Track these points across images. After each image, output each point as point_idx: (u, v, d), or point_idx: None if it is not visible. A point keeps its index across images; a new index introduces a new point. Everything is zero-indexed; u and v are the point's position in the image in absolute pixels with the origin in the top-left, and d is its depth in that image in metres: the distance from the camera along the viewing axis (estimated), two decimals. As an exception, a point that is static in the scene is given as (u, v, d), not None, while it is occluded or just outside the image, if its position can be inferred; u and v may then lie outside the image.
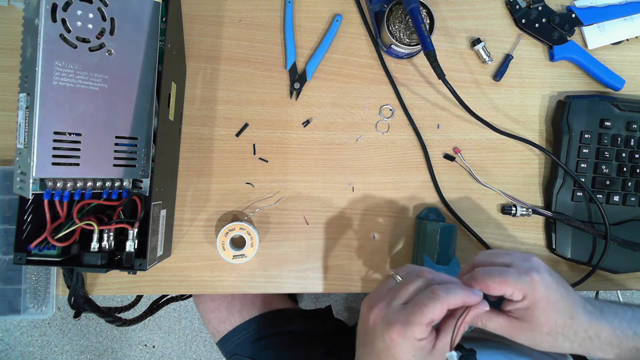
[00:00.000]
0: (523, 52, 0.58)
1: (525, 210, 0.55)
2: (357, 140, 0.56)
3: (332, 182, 0.56)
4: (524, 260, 0.40)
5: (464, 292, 0.36)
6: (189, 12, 0.56)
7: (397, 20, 0.53)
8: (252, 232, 0.52)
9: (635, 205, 0.56)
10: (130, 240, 0.43)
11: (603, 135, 0.56)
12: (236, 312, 0.69)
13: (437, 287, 0.36)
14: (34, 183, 0.38)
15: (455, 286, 0.37)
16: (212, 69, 0.56)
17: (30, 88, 0.37)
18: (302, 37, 0.57)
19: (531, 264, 0.40)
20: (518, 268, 0.39)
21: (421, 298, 0.36)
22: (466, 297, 0.36)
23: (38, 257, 0.43)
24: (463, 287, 0.37)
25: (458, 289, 0.37)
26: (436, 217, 0.55)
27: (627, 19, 0.58)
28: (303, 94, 0.56)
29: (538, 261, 0.41)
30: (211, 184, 0.55)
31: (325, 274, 0.55)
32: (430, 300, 0.35)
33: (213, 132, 0.55)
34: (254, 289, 0.55)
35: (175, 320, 1.34)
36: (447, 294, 0.35)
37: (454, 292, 0.36)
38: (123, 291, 0.54)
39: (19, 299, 0.51)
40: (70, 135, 0.39)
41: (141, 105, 0.42)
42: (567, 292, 0.41)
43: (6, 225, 0.51)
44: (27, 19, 0.39)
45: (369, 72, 0.57)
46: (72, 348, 1.32)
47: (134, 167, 0.43)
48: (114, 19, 0.40)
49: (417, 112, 0.57)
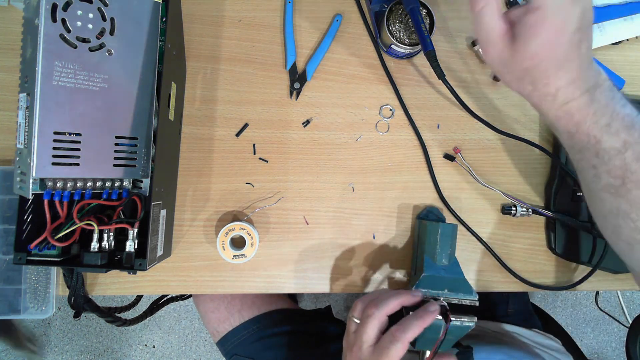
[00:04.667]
0: (523, 52, 0.58)
1: (525, 210, 0.55)
2: (357, 140, 0.56)
3: (332, 182, 0.56)
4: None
5: (418, 321, 0.41)
6: (189, 12, 0.56)
7: (397, 20, 0.53)
8: (252, 232, 0.52)
9: (635, 205, 0.56)
10: (130, 240, 0.43)
11: (603, 135, 0.55)
12: (236, 312, 0.69)
13: (395, 329, 0.41)
14: (34, 183, 0.38)
15: (410, 320, 0.41)
16: (212, 69, 0.56)
17: (30, 88, 0.37)
18: (302, 37, 0.57)
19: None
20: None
21: (385, 342, 0.41)
22: (420, 326, 0.41)
23: (38, 257, 0.43)
24: (416, 316, 0.42)
25: (413, 320, 0.41)
26: (436, 217, 0.55)
27: (627, 19, 0.58)
28: (303, 94, 0.56)
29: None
30: (211, 184, 0.55)
31: (325, 274, 0.55)
32: (392, 343, 0.40)
33: (213, 132, 0.55)
34: (254, 289, 0.55)
35: (175, 320, 1.34)
36: (405, 333, 0.40)
37: (410, 327, 0.41)
38: (123, 291, 0.54)
39: (19, 299, 0.51)
40: (70, 135, 0.39)
41: (141, 105, 0.42)
42: (589, 42, 0.35)
43: (6, 225, 0.51)
44: (27, 19, 0.39)
45: (369, 72, 0.57)
46: (72, 348, 1.32)
47: (134, 167, 0.43)
48: (114, 19, 0.40)
49: (417, 112, 0.57)
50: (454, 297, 0.47)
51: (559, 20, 0.33)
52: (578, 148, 0.38)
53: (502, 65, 0.37)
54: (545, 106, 0.38)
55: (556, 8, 0.32)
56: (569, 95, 0.36)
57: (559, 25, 0.33)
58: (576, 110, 0.36)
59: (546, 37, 0.33)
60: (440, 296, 0.47)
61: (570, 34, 0.33)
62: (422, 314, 0.42)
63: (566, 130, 0.38)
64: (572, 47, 0.34)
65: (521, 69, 0.36)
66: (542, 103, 0.38)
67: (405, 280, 0.56)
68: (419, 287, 0.47)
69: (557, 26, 0.33)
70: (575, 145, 0.38)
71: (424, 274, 0.48)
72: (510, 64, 0.36)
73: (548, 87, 0.36)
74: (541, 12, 0.33)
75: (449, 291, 0.47)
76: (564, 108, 0.36)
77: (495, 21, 0.35)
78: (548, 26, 0.33)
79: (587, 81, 0.35)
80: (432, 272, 0.48)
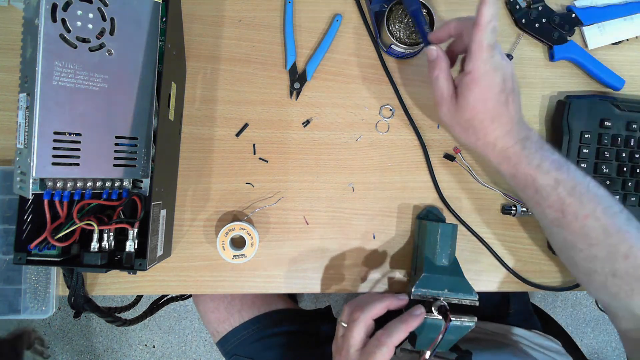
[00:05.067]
0: (523, 52, 0.58)
1: (525, 210, 0.55)
2: (357, 140, 0.56)
3: (332, 182, 0.56)
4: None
5: (403, 325, 0.42)
6: (189, 12, 0.56)
7: (397, 20, 0.53)
8: (252, 232, 0.52)
9: (635, 205, 0.56)
10: (130, 240, 0.43)
11: (603, 135, 0.56)
12: (236, 313, 0.69)
13: (381, 334, 0.42)
14: (34, 183, 0.38)
15: (395, 324, 0.42)
16: (212, 69, 0.56)
17: (30, 88, 0.37)
18: (302, 37, 0.57)
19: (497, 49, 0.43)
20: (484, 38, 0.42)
21: (370, 347, 0.42)
22: (406, 330, 0.42)
23: (38, 257, 0.43)
24: (401, 320, 0.43)
25: (398, 324, 0.42)
26: (436, 217, 0.55)
27: (627, 19, 0.58)
28: (303, 94, 0.56)
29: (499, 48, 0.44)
30: (211, 184, 0.55)
31: (325, 274, 0.55)
32: (377, 347, 0.41)
33: (213, 132, 0.55)
34: (254, 289, 0.55)
35: (175, 320, 1.34)
36: (390, 337, 0.42)
37: (395, 332, 0.42)
38: (123, 291, 0.54)
39: (19, 299, 0.51)
40: (70, 135, 0.39)
41: (141, 105, 0.42)
42: (516, 104, 0.45)
43: (6, 225, 0.51)
44: (27, 19, 0.39)
45: (369, 72, 0.57)
46: (72, 348, 1.32)
47: (134, 167, 0.43)
48: (114, 19, 0.40)
49: (417, 112, 0.57)
50: (454, 297, 0.47)
51: (485, 82, 0.43)
52: (521, 187, 0.46)
53: (451, 118, 0.46)
54: (488, 153, 0.46)
55: (482, 73, 0.42)
56: (505, 144, 0.44)
57: (485, 86, 0.43)
58: (513, 154, 0.44)
59: (478, 93, 0.43)
60: (440, 296, 0.47)
61: (496, 94, 0.43)
62: (407, 318, 0.43)
63: (508, 172, 0.46)
64: (500, 104, 0.43)
65: (464, 120, 0.45)
66: (485, 151, 0.46)
67: (405, 280, 0.56)
68: (419, 287, 0.47)
69: (484, 87, 0.43)
70: (518, 184, 0.46)
71: (424, 274, 0.48)
72: (457, 116, 0.45)
73: (487, 136, 0.45)
74: (472, 74, 0.43)
75: (449, 291, 0.47)
76: (503, 154, 0.45)
77: (446, 84, 0.46)
78: (478, 86, 0.43)
79: (519, 133, 0.44)
80: (432, 272, 0.48)
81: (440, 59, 0.46)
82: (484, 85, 0.43)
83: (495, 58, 0.43)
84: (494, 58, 0.42)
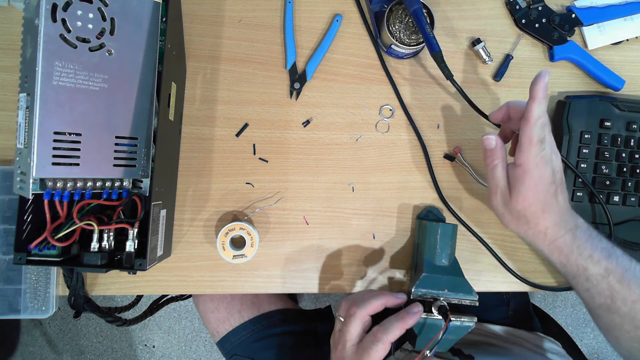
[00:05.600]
0: (523, 52, 0.58)
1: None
2: (357, 140, 0.56)
3: (332, 182, 0.56)
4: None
5: (399, 322, 0.42)
6: (189, 12, 0.56)
7: (397, 21, 0.53)
8: (252, 232, 0.52)
9: (635, 205, 0.56)
10: (130, 240, 0.43)
11: (603, 136, 0.56)
12: (236, 313, 0.69)
13: (377, 330, 0.42)
14: (34, 183, 0.38)
15: (391, 321, 0.43)
16: (212, 69, 0.56)
17: (30, 88, 0.37)
18: (302, 37, 0.57)
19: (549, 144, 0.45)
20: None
21: (366, 342, 0.42)
22: (402, 328, 0.42)
23: (38, 257, 0.43)
24: (397, 317, 0.43)
25: (395, 321, 0.42)
26: (436, 217, 0.55)
27: (627, 19, 0.58)
28: (303, 94, 0.56)
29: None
30: (211, 184, 0.55)
31: (325, 274, 0.55)
32: (373, 343, 0.42)
33: (213, 132, 0.55)
34: (254, 289, 0.55)
35: (175, 320, 1.34)
36: (386, 333, 0.42)
37: (392, 328, 0.42)
38: (123, 291, 0.54)
39: (19, 299, 0.51)
40: (70, 135, 0.39)
41: (141, 105, 0.42)
42: (564, 195, 0.46)
43: (6, 225, 0.51)
44: (27, 19, 0.39)
45: (369, 72, 0.57)
46: (72, 348, 1.32)
47: (134, 167, 0.43)
48: (114, 19, 0.40)
49: (417, 112, 0.57)
50: (454, 297, 0.47)
51: (536, 174, 0.44)
52: (572, 275, 0.47)
53: (504, 207, 0.47)
54: (539, 242, 0.47)
55: (533, 165, 0.44)
56: (556, 234, 0.46)
57: (537, 179, 0.44)
58: (564, 245, 0.46)
59: (529, 185, 0.44)
60: (440, 296, 0.47)
61: (546, 185, 0.44)
62: (404, 315, 0.43)
63: (559, 262, 0.47)
64: (550, 196, 0.45)
65: (517, 211, 0.46)
66: (536, 240, 0.47)
67: (405, 280, 0.56)
68: (419, 287, 0.47)
69: (535, 179, 0.44)
70: (568, 273, 0.47)
71: (424, 274, 0.48)
72: (509, 206, 0.46)
73: (538, 226, 0.46)
74: (522, 167, 0.44)
75: (449, 291, 0.47)
76: (554, 244, 0.46)
77: (503, 174, 0.47)
78: (529, 178, 0.44)
79: (568, 223, 0.46)
80: (432, 272, 0.48)
81: (499, 148, 0.47)
82: (535, 177, 0.44)
83: (545, 152, 0.44)
84: (544, 151, 0.44)
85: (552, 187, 0.45)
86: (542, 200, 0.44)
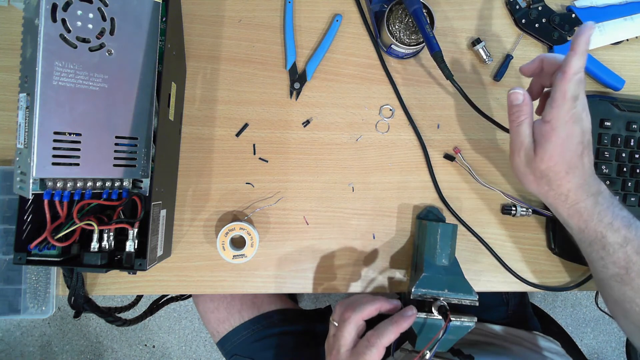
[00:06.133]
0: (523, 52, 0.58)
1: (525, 210, 0.55)
2: (357, 140, 0.56)
3: (332, 182, 0.56)
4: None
5: (393, 326, 0.42)
6: (189, 12, 0.56)
7: (397, 20, 0.53)
8: (252, 232, 0.52)
9: (635, 205, 0.56)
10: (130, 240, 0.43)
11: (603, 135, 0.56)
12: (236, 313, 0.69)
13: (371, 335, 0.42)
14: (34, 183, 0.38)
15: (385, 325, 0.42)
16: (212, 69, 0.56)
17: (30, 88, 0.37)
18: (302, 37, 0.57)
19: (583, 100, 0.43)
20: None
21: (360, 347, 0.42)
22: (396, 332, 0.42)
23: (38, 257, 0.43)
24: (392, 321, 0.43)
25: (389, 325, 0.42)
26: (436, 217, 0.55)
27: (627, 19, 0.58)
28: (303, 94, 0.56)
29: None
30: (211, 184, 0.55)
31: (324, 274, 0.55)
32: (367, 348, 0.41)
33: (213, 132, 0.55)
34: (254, 289, 0.55)
35: (175, 320, 1.34)
36: (380, 338, 0.41)
37: (386, 333, 0.42)
38: (123, 291, 0.54)
39: (19, 299, 0.51)
40: (70, 135, 0.39)
41: (141, 105, 0.42)
42: (590, 158, 0.44)
43: (6, 225, 0.51)
44: (27, 19, 0.39)
45: (369, 72, 0.57)
46: (72, 348, 1.32)
47: (134, 167, 0.43)
48: (114, 19, 0.40)
49: (417, 112, 0.57)
50: (454, 297, 0.47)
51: (565, 133, 0.42)
52: (588, 242, 0.45)
53: (527, 167, 0.45)
54: (559, 205, 0.45)
55: (562, 123, 0.42)
56: (578, 197, 0.44)
57: (565, 137, 0.42)
58: (584, 210, 0.44)
59: (556, 143, 0.42)
60: (440, 296, 0.47)
61: (574, 144, 0.42)
62: (398, 319, 0.43)
63: (577, 227, 0.45)
64: (576, 156, 0.43)
65: (540, 170, 0.44)
66: (557, 202, 0.45)
67: (405, 280, 0.56)
68: (419, 287, 0.47)
69: (563, 137, 0.42)
70: (585, 239, 0.46)
71: (424, 274, 0.48)
72: (532, 165, 0.44)
73: (561, 187, 0.44)
74: (551, 124, 0.42)
75: (449, 291, 0.47)
76: (575, 207, 0.44)
77: (529, 131, 0.45)
78: (556, 135, 0.42)
79: (591, 187, 0.44)
80: (432, 272, 0.48)
81: (526, 104, 0.44)
82: (563, 135, 0.42)
83: (577, 109, 0.42)
84: (575, 109, 0.42)
85: (579, 148, 0.43)
86: (568, 160, 0.42)
